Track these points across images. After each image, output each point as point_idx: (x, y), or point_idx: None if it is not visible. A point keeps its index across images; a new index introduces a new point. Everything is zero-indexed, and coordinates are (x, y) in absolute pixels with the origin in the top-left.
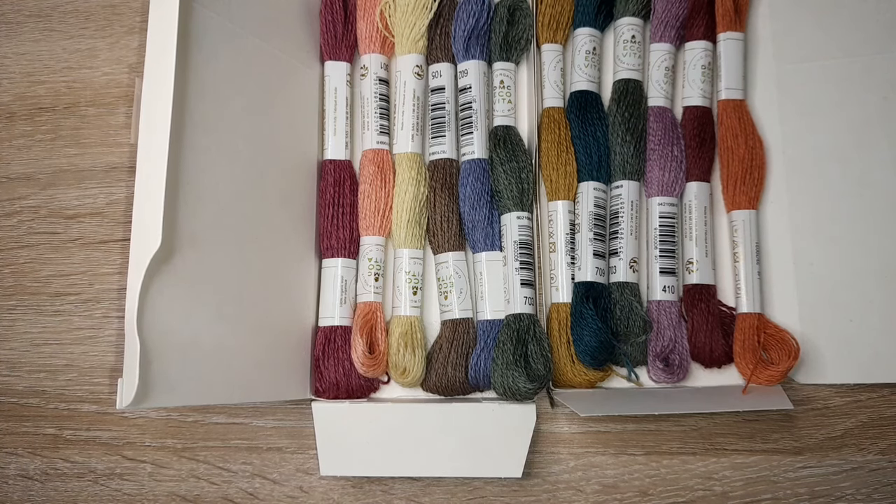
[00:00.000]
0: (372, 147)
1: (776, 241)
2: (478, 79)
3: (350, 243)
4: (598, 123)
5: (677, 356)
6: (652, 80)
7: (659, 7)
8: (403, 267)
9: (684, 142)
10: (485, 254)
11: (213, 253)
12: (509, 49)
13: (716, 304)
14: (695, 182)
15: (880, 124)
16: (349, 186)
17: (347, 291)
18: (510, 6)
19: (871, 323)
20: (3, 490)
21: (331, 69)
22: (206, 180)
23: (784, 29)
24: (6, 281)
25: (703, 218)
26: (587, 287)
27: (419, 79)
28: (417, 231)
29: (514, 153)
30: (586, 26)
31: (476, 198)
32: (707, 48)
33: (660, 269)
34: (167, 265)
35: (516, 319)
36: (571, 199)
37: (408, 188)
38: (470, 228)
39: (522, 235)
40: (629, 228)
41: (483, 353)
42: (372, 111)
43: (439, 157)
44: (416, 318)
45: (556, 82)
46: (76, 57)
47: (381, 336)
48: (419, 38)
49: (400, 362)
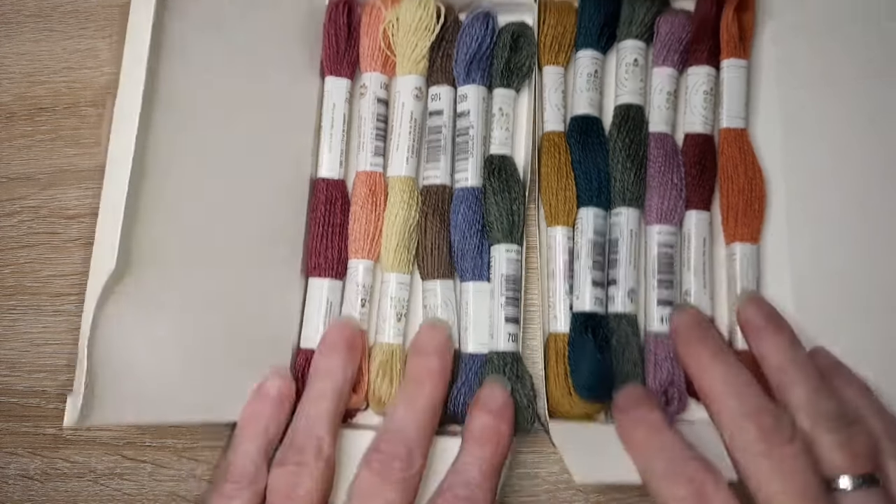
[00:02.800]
0: (365, 169)
1: (775, 274)
2: (477, 104)
3: (338, 264)
4: (599, 149)
5: (676, 390)
6: (653, 106)
7: (662, 30)
8: (389, 292)
9: (685, 169)
10: (472, 283)
11: (181, 271)
12: (511, 75)
13: None
14: (694, 211)
15: (886, 154)
16: (340, 206)
17: (332, 314)
18: (514, 32)
19: (871, 360)
20: (3, 490)
21: (331, 85)
22: (174, 203)
23: (788, 55)
24: (6, 281)
25: (702, 248)
26: (585, 318)
27: (418, 101)
28: (406, 256)
29: (507, 184)
30: (588, 48)
31: (467, 226)
32: (710, 73)
33: (657, 300)
34: (125, 285)
35: (500, 357)
36: (570, 224)
37: (399, 211)
38: (459, 257)
39: (510, 269)
40: (628, 258)
41: (464, 387)
42: (368, 131)
43: (433, 183)
44: (398, 346)
45: (558, 105)
46: (76, 57)
47: (363, 365)
48: (420, 60)
49: (377, 392)
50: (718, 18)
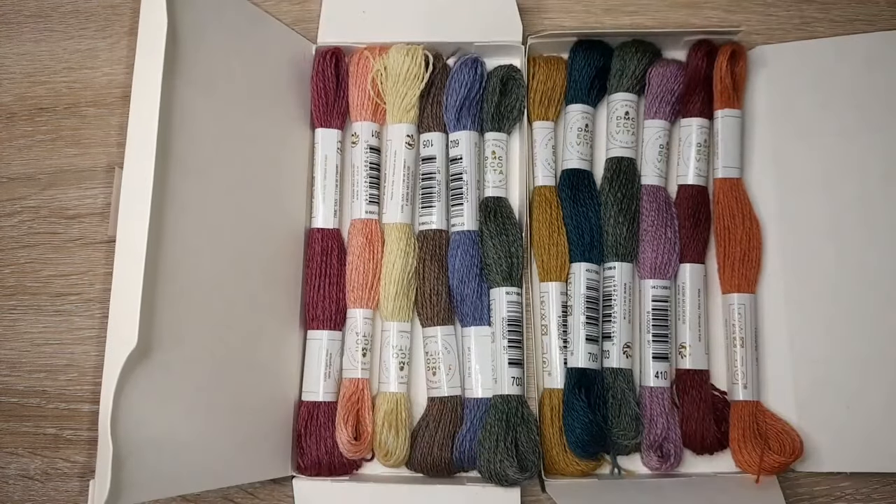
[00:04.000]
0: (361, 217)
1: (772, 323)
2: (469, 149)
3: (336, 314)
4: (591, 203)
5: (671, 445)
6: (646, 158)
7: (654, 82)
8: (391, 341)
9: (678, 222)
10: (473, 328)
11: (192, 345)
12: (501, 119)
13: (708, 389)
14: (688, 264)
15: (880, 204)
16: (336, 256)
17: (332, 365)
18: (503, 76)
19: (869, 409)
20: (4, 490)
21: (321, 136)
22: (186, 270)
23: (782, 106)
24: (7, 281)
25: (697, 300)
26: (579, 375)
27: (410, 148)
28: (405, 303)
29: (503, 226)
30: (579, 102)
31: (465, 271)
32: (703, 125)
33: (653, 355)
34: (144, 363)
35: (504, 401)
36: (563, 280)
37: (396, 259)
38: (459, 302)
39: (511, 312)
40: (622, 312)
41: (469, 433)
42: (362, 180)
43: (429, 228)
44: (402, 395)
45: (548, 160)
46: (76, 57)
47: (367, 416)
48: (410, 108)
49: (383, 443)
50: (710, 69)
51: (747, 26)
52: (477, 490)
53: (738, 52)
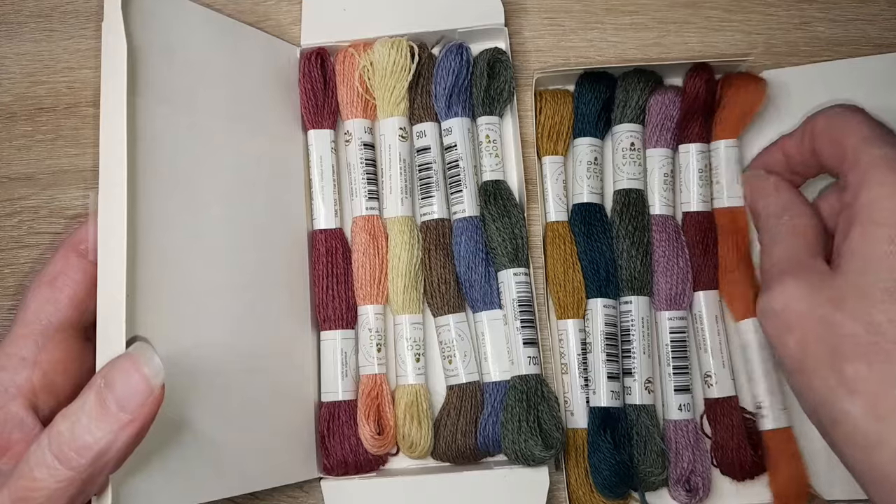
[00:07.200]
0: (362, 214)
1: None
2: (462, 136)
3: (347, 313)
4: (604, 237)
5: (699, 478)
6: (652, 188)
7: (653, 111)
8: (404, 334)
9: (688, 250)
10: (485, 313)
11: (198, 362)
12: (492, 102)
13: (739, 415)
14: (702, 291)
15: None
16: (342, 255)
17: (348, 364)
18: (489, 60)
19: None
20: None
21: (314, 138)
22: (180, 290)
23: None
24: (7, 281)
25: (716, 327)
26: (604, 415)
27: (404, 141)
28: (415, 295)
29: (505, 208)
30: (587, 136)
31: (471, 256)
32: (702, 150)
33: (674, 388)
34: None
35: (522, 381)
36: (580, 316)
37: (401, 253)
38: (468, 288)
39: (521, 292)
40: (642, 347)
41: (491, 417)
42: (359, 177)
43: (431, 218)
44: (420, 386)
45: (559, 195)
46: (77, 57)
47: (388, 410)
48: (400, 101)
49: (407, 436)
50: (708, 95)
51: (748, 26)
52: (505, 472)
53: (747, 81)
